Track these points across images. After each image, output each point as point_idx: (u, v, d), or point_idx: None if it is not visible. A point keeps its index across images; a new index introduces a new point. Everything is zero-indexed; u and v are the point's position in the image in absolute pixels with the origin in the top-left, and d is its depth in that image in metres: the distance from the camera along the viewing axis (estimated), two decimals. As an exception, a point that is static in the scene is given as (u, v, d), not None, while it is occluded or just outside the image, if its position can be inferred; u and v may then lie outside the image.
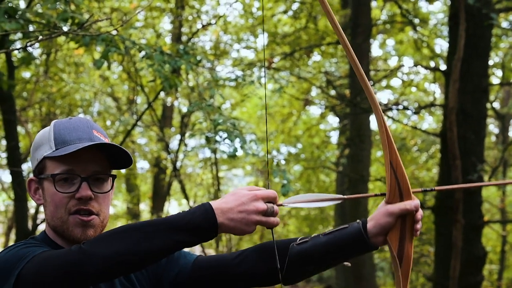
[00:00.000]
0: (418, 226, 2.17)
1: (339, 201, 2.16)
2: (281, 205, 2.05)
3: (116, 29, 6.43)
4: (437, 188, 2.28)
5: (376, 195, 2.28)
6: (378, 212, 2.17)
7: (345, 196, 2.15)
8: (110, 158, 2.22)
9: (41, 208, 2.38)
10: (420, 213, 2.16)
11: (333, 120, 18.91)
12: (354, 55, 2.12)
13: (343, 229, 2.21)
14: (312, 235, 2.25)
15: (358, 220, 2.21)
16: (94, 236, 2.09)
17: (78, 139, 2.17)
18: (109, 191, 2.21)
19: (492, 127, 18.06)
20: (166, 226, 1.91)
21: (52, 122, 2.25)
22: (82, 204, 2.13)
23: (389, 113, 12.91)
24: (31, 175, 2.25)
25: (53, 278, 1.88)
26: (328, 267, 2.27)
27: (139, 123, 13.41)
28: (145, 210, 19.48)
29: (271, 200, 2.00)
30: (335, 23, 2.12)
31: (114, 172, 2.30)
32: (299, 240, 2.24)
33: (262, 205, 1.97)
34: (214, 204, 1.95)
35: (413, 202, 2.13)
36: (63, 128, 2.20)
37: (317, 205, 2.14)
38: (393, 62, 17.75)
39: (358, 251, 2.21)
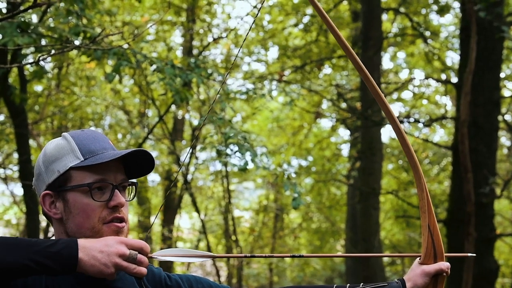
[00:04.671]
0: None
1: (208, 259, 2.25)
2: (151, 257, 2.09)
3: (127, 43, 6.47)
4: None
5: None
6: (414, 273, 2.36)
7: (216, 255, 2.24)
8: (125, 168, 2.23)
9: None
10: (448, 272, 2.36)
11: (344, 133, 18.86)
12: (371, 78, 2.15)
13: (382, 287, 2.35)
14: (347, 287, 2.38)
15: (396, 280, 2.37)
16: None
17: (103, 149, 2.16)
18: (133, 198, 2.24)
19: (504, 139, 17.93)
20: (27, 244, 1.92)
21: (65, 135, 2.21)
22: (116, 212, 2.14)
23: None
24: (41, 190, 2.19)
25: None
26: None
27: (150, 136, 13.44)
28: (156, 223, 19.47)
29: (138, 250, 2.02)
30: (341, 38, 2.16)
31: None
32: None
33: (124, 249, 1.98)
34: (80, 240, 1.97)
35: (446, 263, 2.34)
36: (84, 138, 2.18)
37: (187, 260, 2.21)
38: (404, 74, 17.74)
39: None
